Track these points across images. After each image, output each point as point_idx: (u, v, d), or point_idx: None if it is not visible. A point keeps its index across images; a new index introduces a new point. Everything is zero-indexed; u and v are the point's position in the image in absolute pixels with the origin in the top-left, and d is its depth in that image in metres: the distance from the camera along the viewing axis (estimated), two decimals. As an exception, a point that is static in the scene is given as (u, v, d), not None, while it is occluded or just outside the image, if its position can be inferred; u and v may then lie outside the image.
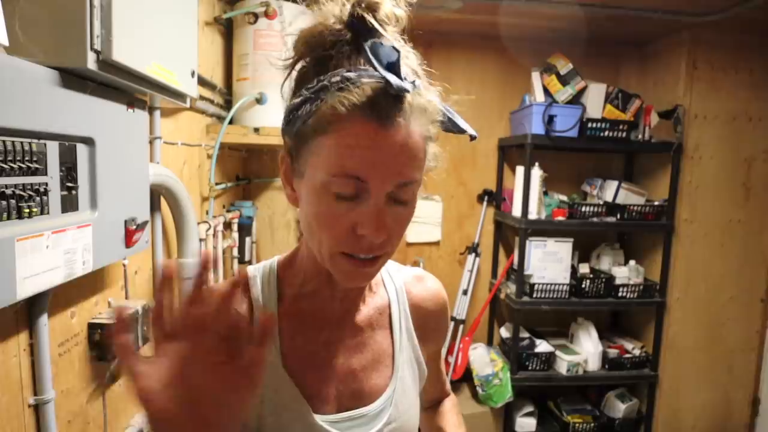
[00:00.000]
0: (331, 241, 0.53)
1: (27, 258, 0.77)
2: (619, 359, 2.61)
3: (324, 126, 0.50)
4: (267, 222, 2.39)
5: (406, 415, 0.67)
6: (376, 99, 0.49)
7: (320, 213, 0.53)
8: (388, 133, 0.49)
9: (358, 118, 0.49)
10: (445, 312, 0.77)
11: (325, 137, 0.50)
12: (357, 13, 0.50)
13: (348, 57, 0.51)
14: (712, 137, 2.50)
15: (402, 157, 0.50)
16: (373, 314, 0.68)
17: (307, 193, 0.54)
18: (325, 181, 0.51)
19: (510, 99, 2.80)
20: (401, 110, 0.49)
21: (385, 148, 0.49)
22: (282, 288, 0.64)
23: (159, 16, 1.11)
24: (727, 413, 2.68)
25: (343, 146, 0.49)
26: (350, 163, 0.49)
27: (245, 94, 1.97)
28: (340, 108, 0.48)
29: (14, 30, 0.78)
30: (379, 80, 0.49)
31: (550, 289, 2.54)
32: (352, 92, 0.49)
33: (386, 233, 0.52)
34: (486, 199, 2.84)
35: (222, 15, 1.94)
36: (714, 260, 2.57)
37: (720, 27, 2.32)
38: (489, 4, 2.19)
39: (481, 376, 2.61)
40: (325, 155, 0.50)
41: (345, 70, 0.50)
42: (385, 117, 0.49)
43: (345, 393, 0.64)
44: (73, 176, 0.90)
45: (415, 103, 0.50)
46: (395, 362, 0.68)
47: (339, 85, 0.49)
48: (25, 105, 0.76)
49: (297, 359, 0.61)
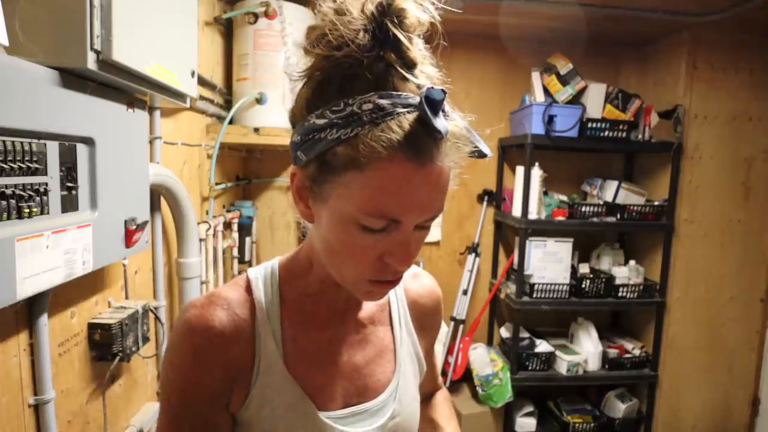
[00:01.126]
0: (357, 268, 0.54)
1: (27, 258, 0.77)
2: (619, 359, 2.61)
3: (359, 162, 0.47)
4: (267, 222, 2.39)
5: (409, 408, 0.68)
6: (415, 138, 0.46)
7: (346, 242, 0.52)
8: (425, 172, 0.48)
9: (397, 159, 0.46)
10: (439, 308, 0.78)
11: (360, 174, 0.47)
12: (385, 25, 0.47)
13: (376, 76, 0.48)
14: (712, 137, 2.50)
15: (435, 194, 0.50)
16: (375, 310, 0.69)
17: (330, 220, 0.53)
18: (354, 216, 0.50)
19: (510, 99, 2.80)
20: (439, 149, 0.48)
21: (421, 189, 0.49)
22: (284, 289, 0.64)
23: (159, 16, 1.11)
24: (727, 413, 2.68)
25: (379, 187, 0.48)
26: (387, 205, 0.48)
27: (245, 94, 1.97)
28: (378, 148, 0.46)
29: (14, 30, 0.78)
30: (414, 110, 0.47)
31: (550, 289, 2.54)
32: (390, 128, 0.46)
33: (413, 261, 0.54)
34: (486, 199, 2.84)
35: (222, 15, 1.94)
36: (714, 260, 2.57)
37: (720, 27, 2.32)
38: (489, 4, 2.19)
39: (481, 376, 2.61)
40: (358, 191, 0.48)
41: (377, 96, 0.47)
42: (423, 157, 0.47)
43: (350, 389, 0.64)
44: (73, 176, 0.90)
45: (450, 139, 0.49)
46: (397, 357, 0.69)
47: (372, 115, 0.46)
48: (25, 105, 0.76)
49: (300, 359, 0.61)
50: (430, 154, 0.47)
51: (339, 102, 0.48)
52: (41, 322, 0.92)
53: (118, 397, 1.26)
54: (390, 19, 0.47)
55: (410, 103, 0.47)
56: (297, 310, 0.63)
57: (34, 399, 0.92)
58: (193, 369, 0.57)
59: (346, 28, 0.47)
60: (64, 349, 1.03)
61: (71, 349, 1.06)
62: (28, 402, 0.92)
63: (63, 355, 1.02)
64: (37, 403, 0.93)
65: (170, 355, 0.59)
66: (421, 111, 0.46)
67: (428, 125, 0.46)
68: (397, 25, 0.47)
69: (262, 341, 0.59)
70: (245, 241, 2.16)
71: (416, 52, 0.50)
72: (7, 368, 0.86)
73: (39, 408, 0.93)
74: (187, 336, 0.57)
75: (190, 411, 0.57)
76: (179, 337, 0.58)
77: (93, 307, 1.15)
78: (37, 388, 0.93)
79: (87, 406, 1.12)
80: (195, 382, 0.57)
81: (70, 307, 1.06)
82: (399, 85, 0.48)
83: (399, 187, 0.47)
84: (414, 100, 0.47)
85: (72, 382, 1.06)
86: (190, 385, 0.57)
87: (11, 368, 0.87)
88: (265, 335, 0.60)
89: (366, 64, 0.47)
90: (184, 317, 0.58)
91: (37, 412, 0.93)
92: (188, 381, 0.57)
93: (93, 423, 1.14)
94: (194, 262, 1.55)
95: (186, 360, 0.57)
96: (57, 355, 1.00)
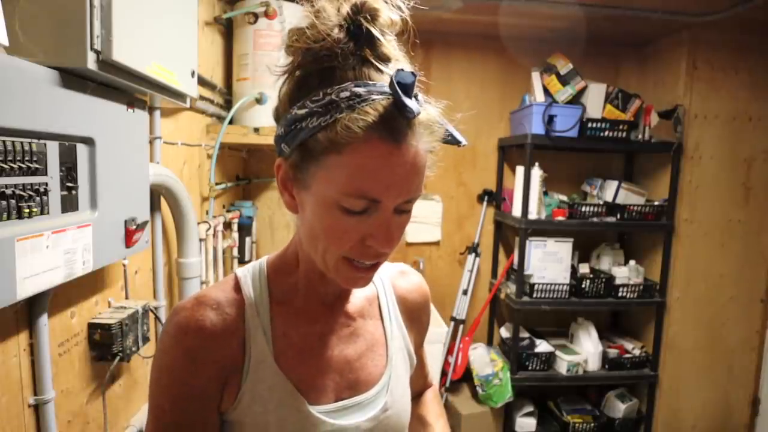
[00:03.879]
0: (338, 251, 0.55)
1: (27, 258, 0.77)
2: (619, 359, 2.61)
3: (337, 145, 0.50)
4: (267, 222, 2.39)
5: (401, 401, 0.69)
6: (389, 119, 0.50)
7: (329, 226, 0.54)
8: (400, 153, 0.50)
9: (373, 139, 0.49)
10: (428, 304, 0.80)
11: (339, 156, 0.51)
12: (358, 21, 0.50)
13: (353, 68, 0.52)
14: (712, 137, 2.50)
15: (412, 176, 0.52)
16: (363, 304, 0.70)
17: (313, 206, 0.55)
18: (336, 198, 0.52)
19: (510, 99, 2.79)
20: (412, 129, 0.51)
21: (397, 169, 0.51)
22: (272, 286, 0.64)
23: (159, 16, 1.11)
24: (727, 413, 2.68)
25: (357, 167, 0.50)
26: (365, 184, 0.51)
27: (245, 94, 1.97)
28: (355, 129, 0.49)
29: (14, 30, 0.78)
30: (388, 97, 0.50)
31: (550, 289, 2.54)
32: (366, 111, 0.49)
33: (395, 244, 0.54)
34: (486, 199, 2.84)
35: (222, 15, 1.94)
36: (714, 260, 2.57)
37: (720, 27, 2.32)
38: (489, 4, 2.19)
39: (481, 376, 2.61)
40: (338, 174, 0.51)
41: (353, 84, 0.51)
42: (398, 137, 0.50)
43: (341, 383, 0.64)
44: (73, 176, 0.90)
45: (423, 121, 0.52)
46: (388, 350, 0.69)
47: (349, 102, 0.50)
48: (26, 105, 0.76)
49: (291, 354, 0.61)
50: (404, 134, 0.50)
51: (318, 92, 0.52)
52: (41, 322, 0.92)
53: (118, 397, 1.26)
54: (363, 17, 0.50)
55: (385, 90, 0.51)
56: (286, 305, 0.63)
57: (34, 399, 0.92)
58: (186, 371, 0.57)
59: (323, 25, 0.51)
60: (64, 349, 1.03)
61: (71, 349, 1.06)
62: (28, 402, 0.92)
63: (63, 355, 1.02)
64: (37, 403, 0.93)
65: (162, 359, 0.58)
66: (392, 91, 0.49)
67: (400, 104, 0.48)
68: (370, 21, 0.51)
69: (252, 338, 0.60)
70: (245, 241, 2.16)
71: (390, 48, 0.53)
72: (7, 368, 0.86)
73: (39, 408, 0.93)
74: (179, 338, 0.57)
75: (184, 414, 0.57)
76: (171, 340, 0.58)
77: (93, 307, 1.15)
78: (37, 388, 0.93)
79: (87, 406, 1.12)
80: (189, 384, 0.57)
81: (70, 307, 1.06)
82: (375, 77, 0.52)
83: (376, 166, 0.50)
84: (388, 88, 0.50)
85: (72, 382, 1.06)
86: (185, 388, 0.57)
87: (11, 368, 0.87)
88: (255, 332, 0.60)
89: (342, 57, 0.51)
90: (174, 320, 0.58)
91: (37, 412, 0.93)
92: (182, 384, 0.57)
93: (93, 423, 1.14)
94: (194, 262, 1.55)
95: (179, 363, 0.57)
96: (57, 355, 1.00)
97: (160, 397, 0.58)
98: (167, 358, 0.58)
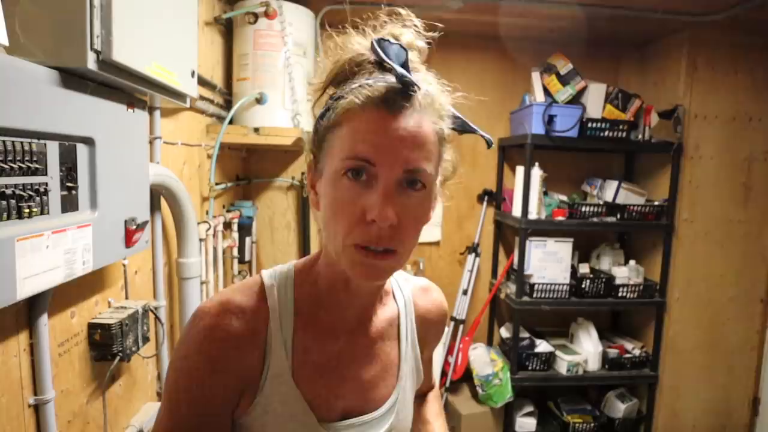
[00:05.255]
0: (343, 230, 0.54)
1: (27, 258, 0.77)
2: (619, 359, 2.61)
3: (339, 120, 0.54)
4: (267, 222, 2.39)
5: (405, 422, 0.70)
6: (387, 92, 0.53)
7: (334, 200, 0.55)
8: (396, 120, 0.53)
9: (370, 109, 0.53)
10: (445, 321, 0.80)
11: (340, 129, 0.55)
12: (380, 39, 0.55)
13: (370, 72, 0.56)
14: (712, 137, 2.50)
15: (409, 143, 0.53)
16: (384, 326, 0.69)
17: (324, 186, 0.57)
18: (338, 167, 0.54)
19: (510, 99, 2.79)
20: (410, 101, 0.53)
21: (392, 133, 0.52)
22: (298, 298, 0.63)
23: (159, 16, 1.11)
24: (727, 413, 2.68)
25: (354, 132, 0.53)
26: (360, 146, 0.53)
27: (245, 94, 1.97)
28: (354, 101, 0.53)
29: (14, 30, 0.78)
30: (393, 82, 0.53)
31: (550, 289, 2.54)
32: (365, 88, 0.53)
33: (394, 218, 0.52)
34: (486, 199, 2.84)
35: (222, 15, 1.94)
36: (714, 260, 2.57)
37: (720, 27, 2.31)
38: (489, 4, 2.19)
39: (481, 376, 2.61)
40: (339, 144, 0.54)
41: (365, 79, 0.55)
42: (394, 106, 0.53)
43: (351, 401, 0.64)
44: (73, 176, 0.90)
45: (423, 98, 0.54)
46: (400, 372, 0.69)
47: (355, 89, 0.54)
48: (26, 105, 0.76)
49: (308, 370, 0.61)
50: (400, 104, 0.53)
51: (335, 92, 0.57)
52: (41, 322, 0.92)
53: (118, 397, 1.26)
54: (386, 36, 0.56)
55: (391, 81, 0.54)
56: (310, 321, 0.63)
57: (34, 399, 0.92)
58: (206, 378, 0.56)
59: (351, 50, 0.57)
60: (64, 349, 1.03)
61: (71, 349, 1.06)
62: (28, 402, 0.92)
63: (63, 355, 1.02)
64: (37, 403, 0.93)
65: (183, 362, 0.58)
66: (373, 50, 0.53)
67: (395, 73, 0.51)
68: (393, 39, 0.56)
69: (273, 351, 0.59)
70: (245, 241, 2.16)
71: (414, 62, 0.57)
72: (7, 368, 0.86)
73: (39, 408, 0.93)
74: (201, 345, 0.56)
75: (199, 417, 0.57)
76: (194, 346, 0.57)
77: (93, 307, 1.15)
78: (37, 388, 0.93)
79: (87, 406, 1.12)
80: (207, 390, 0.57)
81: (70, 307, 1.06)
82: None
83: (370, 130, 0.53)
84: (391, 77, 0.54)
85: (72, 382, 1.06)
86: (203, 393, 0.56)
87: (11, 368, 0.87)
88: (276, 345, 0.60)
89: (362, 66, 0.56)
90: (199, 326, 0.57)
91: (37, 412, 0.93)
92: (201, 389, 0.56)
93: (93, 423, 1.14)
94: (194, 262, 1.55)
95: (199, 369, 0.56)
96: (57, 355, 1.00)
97: (177, 399, 0.57)
98: (188, 362, 0.57)
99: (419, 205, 0.56)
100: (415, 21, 0.59)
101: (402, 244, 0.55)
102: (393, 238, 0.54)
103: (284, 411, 0.59)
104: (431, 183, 0.56)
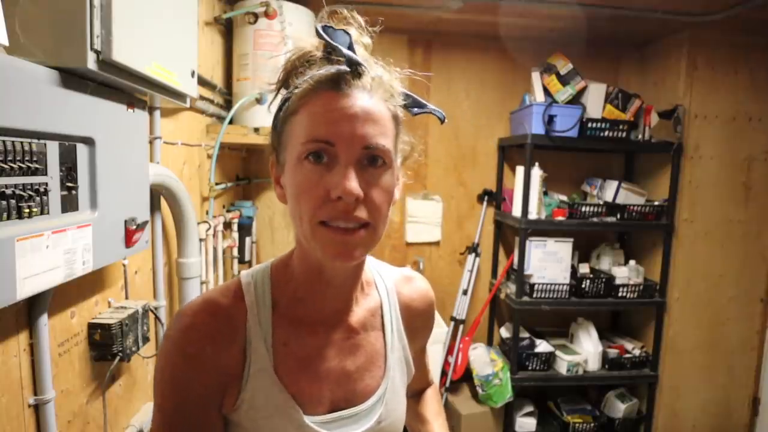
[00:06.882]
0: (310, 211, 0.55)
1: (27, 258, 0.77)
2: (619, 359, 2.61)
3: (295, 107, 0.57)
4: (267, 222, 2.39)
5: (395, 413, 0.69)
6: (335, 74, 0.55)
7: (299, 183, 0.56)
8: (349, 98, 0.55)
9: (323, 91, 0.55)
10: (432, 310, 0.79)
11: (296, 116, 0.57)
12: (325, 25, 0.57)
13: (320, 66, 0.58)
14: (712, 137, 2.50)
15: (364, 120, 0.54)
16: (366, 316, 0.69)
17: (287, 176, 0.58)
18: (299, 153, 0.55)
19: (510, 99, 2.79)
20: (360, 80, 0.56)
21: (347, 111, 0.54)
22: (276, 293, 0.64)
23: (159, 16, 1.11)
24: (727, 413, 2.68)
25: (309, 115, 0.55)
26: (318, 128, 0.54)
27: (245, 94, 1.97)
28: (307, 88, 0.56)
29: (14, 30, 0.78)
30: (342, 67, 0.56)
31: (550, 289, 2.54)
32: (318, 76, 0.56)
33: (359, 191, 0.53)
34: (486, 199, 2.84)
35: (222, 15, 1.94)
36: (714, 260, 2.57)
37: (720, 27, 2.32)
38: (489, 4, 2.19)
39: (481, 376, 2.61)
40: (297, 130, 0.56)
41: (316, 70, 0.57)
42: (344, 85, 0.55)
43: (338, 394, 0.64)
44: (73, 176, 0.90)
45: (373, 77, 0.57)
46: (387, 362, 0.69)
47: (310, 78, 0.56)
48: (26, 105, 0.76)
49: (290, 364, 0.62)
50: (349, 83, 0.55)
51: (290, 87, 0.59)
52: (41, 322, 0.92)
53: (118, 397, 1.26)
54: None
55: (337, 66, 0.56)
56: (288, 314, 0.63)
57: (34, 399, 0.92)
58: (186, 376, 0.58)
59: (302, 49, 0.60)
60: (64, 349, 1.03)
61: (71, 349, 1.06)
62: (28, 402, 0.92)
63: (63, 355, 1.02)
64: (37, 403, 0.93)
65: (163, 362, 0.59)
66: (317, 35, 0.55)
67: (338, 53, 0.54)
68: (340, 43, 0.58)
69: (253, 346, 0.60)
70: (245, 241, 2.16)
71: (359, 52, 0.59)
72: (7, 368, 0.86)
73: (39, 408, 0.93)
74: (179, 344, 0.58)
75: (184, 415, 0.58)
76: (172, 345, 0.58)
77: (93, 307, 1.15)
78: (37, 388, 0.93)
79: (87, 406, 1.12)
80: (189, 388, 0.58)
81: (70, 307, 1.06)
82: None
83: (325, 111, 0.55)
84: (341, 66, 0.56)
85: (72, 382, 1.06)
86: (185, 392, 0.58)
87: (11, 368, 0.87)
88: (256, 340, 0.60)
89: (313, 62, 0.58)
90: (176, 325, 0.59)
91: (37, 412, 0.93)
92: (182, 388, 0.58)
93: (93, 423, 1.14)
94: (194, 262, 1.55)
95: (179, 368, 0.58)
96: (57, 355, 1.00)
97: (163, 399, 0.59)
98: (168, 362, 0.58)
99: (382, 180, 0.57)
100: (359, 19, 0.62)
101: (372, 216, 0.56)
102: (359, 213, 0.55)
103: (269, 406, 0.59)
104: (391, 160, 0.57)
